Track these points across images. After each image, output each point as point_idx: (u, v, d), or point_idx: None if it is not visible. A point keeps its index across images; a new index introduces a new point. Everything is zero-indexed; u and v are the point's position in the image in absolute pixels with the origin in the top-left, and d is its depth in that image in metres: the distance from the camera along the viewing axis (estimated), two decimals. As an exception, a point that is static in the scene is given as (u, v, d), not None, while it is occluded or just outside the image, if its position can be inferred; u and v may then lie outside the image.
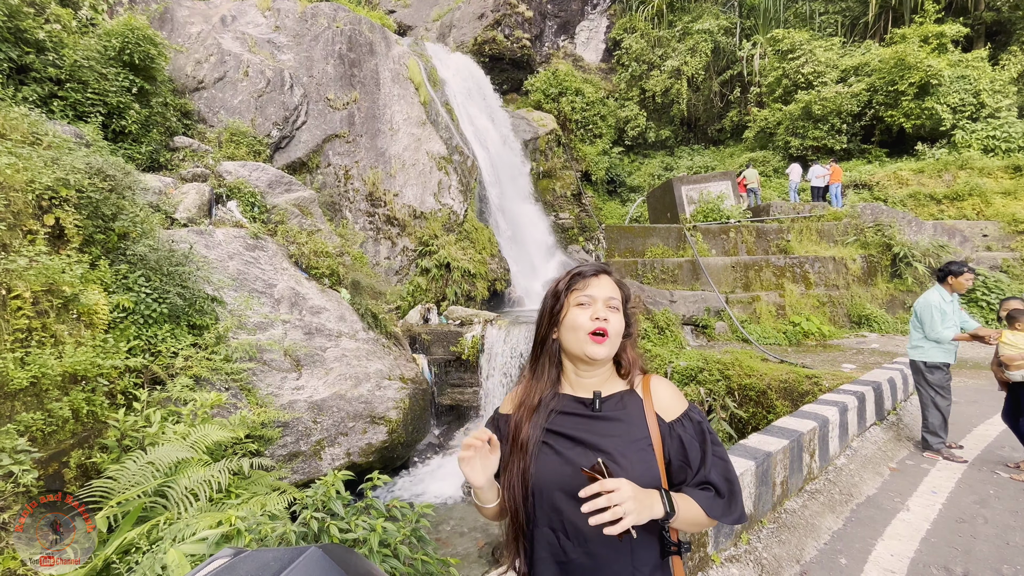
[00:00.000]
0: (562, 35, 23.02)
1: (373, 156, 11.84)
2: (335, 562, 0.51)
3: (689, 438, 1.18)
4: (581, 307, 1.21)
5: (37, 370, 3.74)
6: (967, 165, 14.40)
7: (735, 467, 3.09)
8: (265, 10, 12.57)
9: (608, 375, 1.27)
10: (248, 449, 4.68)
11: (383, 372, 6.92)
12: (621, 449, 1.14)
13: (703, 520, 1.14)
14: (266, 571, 0.49)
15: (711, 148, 22.44)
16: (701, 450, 1.17)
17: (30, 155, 4.70)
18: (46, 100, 7.38)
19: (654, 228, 11.30)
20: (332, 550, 0.54)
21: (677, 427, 1.19)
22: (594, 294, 1.20)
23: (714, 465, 1.17)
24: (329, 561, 0.51)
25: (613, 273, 1.28)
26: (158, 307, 5.01)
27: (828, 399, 4.89)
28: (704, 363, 7.15)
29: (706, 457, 1.17)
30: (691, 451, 1.17)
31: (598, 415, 1.19)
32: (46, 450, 3.73)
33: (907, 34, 16.84)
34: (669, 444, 1.18)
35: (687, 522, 1.12)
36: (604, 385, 1.25)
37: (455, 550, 5.44)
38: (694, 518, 1.13)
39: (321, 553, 0.51)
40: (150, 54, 8.52)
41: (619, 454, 1.13)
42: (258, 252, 7.22)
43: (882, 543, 3.23)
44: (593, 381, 1.24)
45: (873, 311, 10.32)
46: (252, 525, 2.54)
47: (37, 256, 4.18)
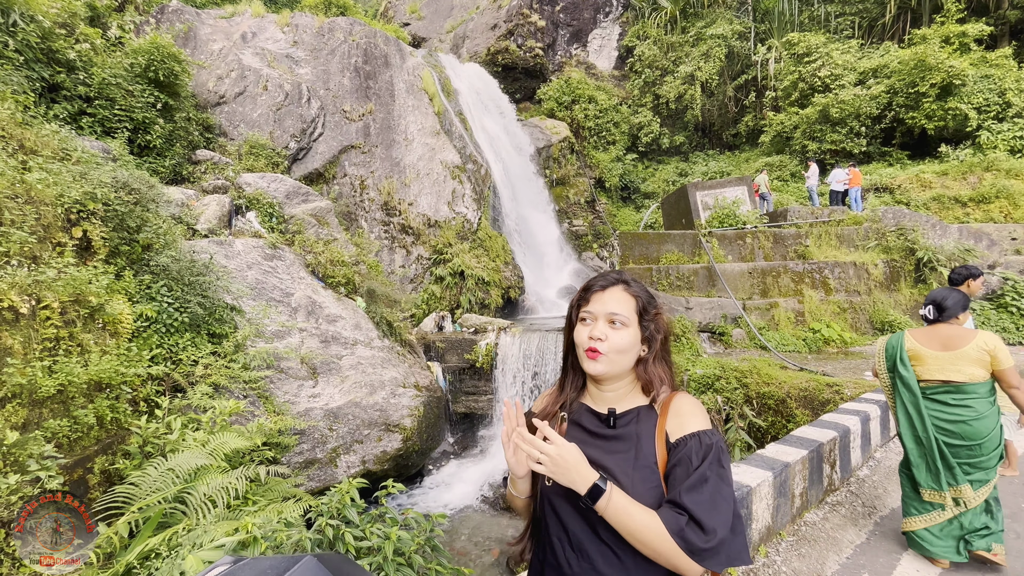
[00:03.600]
0: (574, 43, 23.13)
1: (388, 166, 12.01)
2: (329, 571, 0.52)
3: (684, 456, 1.07)
4: (583, 323, 1.20)
5: (64, 378, 3.86)
6: (993, 167, 14.01)
7: (750, 478, 3.04)
8: (284, 26, 12.92)
9: (628, 390, 1.22)
10: (265, 456, 4.75)
11: (398, 380, 6.97)
12: (624, 468, 1.11)
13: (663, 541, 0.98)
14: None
15: (726, 153, 22.23)
16: (691, 471, 1.04)
17: (60, 170, 4.88)
18: (76, 117, 7.68)
19: (669, 234, 11.21)
20: (327, 559, 0.55)
21: (680, 445, 1.10)
22: (595, 310, 1.17)
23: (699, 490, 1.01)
24: (323, 570, 0.52)
25: (632, 284, 1.21)
26: (179, 316, 5.13)
27: (849, 408, 4.77)
28: (721, 371, 7.04)
29: (690, 479, 1.03)
30: (680, 469, 1.06)
31: (609, 433, 1.17)
32: (71, 456, 3.83)
33: (927, 35, 16.52)
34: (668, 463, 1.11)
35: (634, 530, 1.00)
36: (622, 400, 1.21)
37: (470, 559, 5.42)
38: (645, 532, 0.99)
39: (316, 562, 0.52)
40: (174, 71, 8.82)
41: (621, 473, 1.10)
42: (276, 262, 7.36)
43: (907, 558, 3.13)
44: (610, 395, 1.21)
45: (897, 317, 10.05)
46: (268, 532, 2.58)
47: (65, 268, 4.32)
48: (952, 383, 2.95)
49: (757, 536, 3.06)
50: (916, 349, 3.07)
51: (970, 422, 2.89)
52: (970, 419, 2.89)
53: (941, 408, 2.98)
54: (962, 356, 2.91)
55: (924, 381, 3.05)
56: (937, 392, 3.00)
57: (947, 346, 2.97)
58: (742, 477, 3.08)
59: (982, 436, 2.87)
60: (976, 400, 2.90)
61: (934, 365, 2.99)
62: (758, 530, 3.06)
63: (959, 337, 2.95)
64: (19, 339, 3.77)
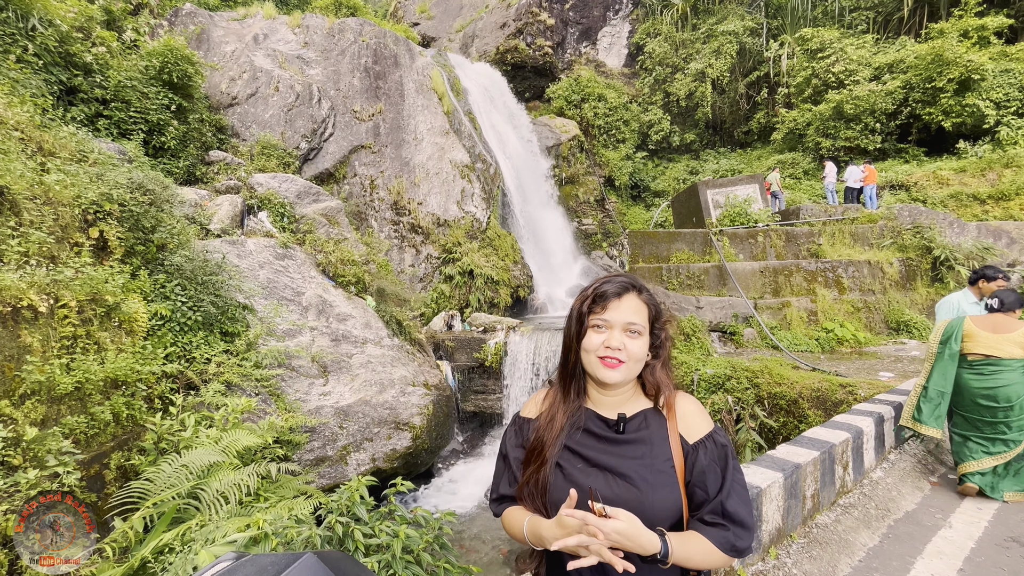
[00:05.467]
0: (584, 42, 23.04)
1: (398, 166, 12.07)
2: (329, 568, 0.53)
3: (710, 461, 1.14)
4: (597, 330, 1.16)
5: (81, 375, 3.94)
6: (1013, 163, 13.68)
7: (761, 480, 3.02)
8: (295, 27, 13.03)
9: (632, 394, 1.23)
10: (276, 454, 4.81)
11: (407, 378, 7.01)
12: (642, 473, 1.12)
13: (717, 558, 1.09)
14: (263, 575, 0.51)
15: (737, 151, 21.99)
16: (721, 476, 1.13)
17: (77, 172, 4.98)
18: (92, 119, 7.82)
19: (679, 233, 11.12)
20: (327, 556, 0.56)
21: (700, 449, 1.15)
22: (611, 319, 1.15)
23: (734, 493, 1.12)
24: (323, 567, 0.52)
25: (643, 290, 1.20)
26: (193, 315, 5.21)
27: (863, 409, 4.70)
28: (732, 371, 6.98)
29: (725, 484, 1.13)
30: (710, 475, 1.13)
31: (620, 437, 1.17)
32: (88, 452, 3.91)
33: (945, 28, 16.18)
34: (690, 467, 1.15)
35: (695, 562, 1.08)
36: (628, 404, 1.21)
37: (478, 558, 5.44)
38: (704, 558, 1.08)
39: (316, 559, 0.53)
40: (188, 73, 8.94)
41: (640, 479, 1.11)
42: (287, 261, 7.43)
43: (922, 561, 3.07)
44: (615, 400, 1.21)
45: (912, 317, 9.87)
46: (279, 528, 2.61)
47: (82, 267, 4.41)
48: (993, 357, 3.76)
49: (767, 538, 3.03)
50: (971, 329, 3.88)
51: (1002, 388, 3.71)
52: (1001, 386, 3.71)
53: (979, 377, 3.81)
54: (1007, 339, 3.73)
55: (972, 354, 3.86)
56: (979, 363, 3.83)
57: (997, 330, 3.79)
58: (753, 478, 3.05)
59: (1012, 400, 3.69)
60: (1009, 372, 3.71)
61: (983, 343, 3.80)
62: (768, 531, 3.03)
63: (1008, 324, 3.79)
64: (38, 337, 3.86)
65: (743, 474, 1.17)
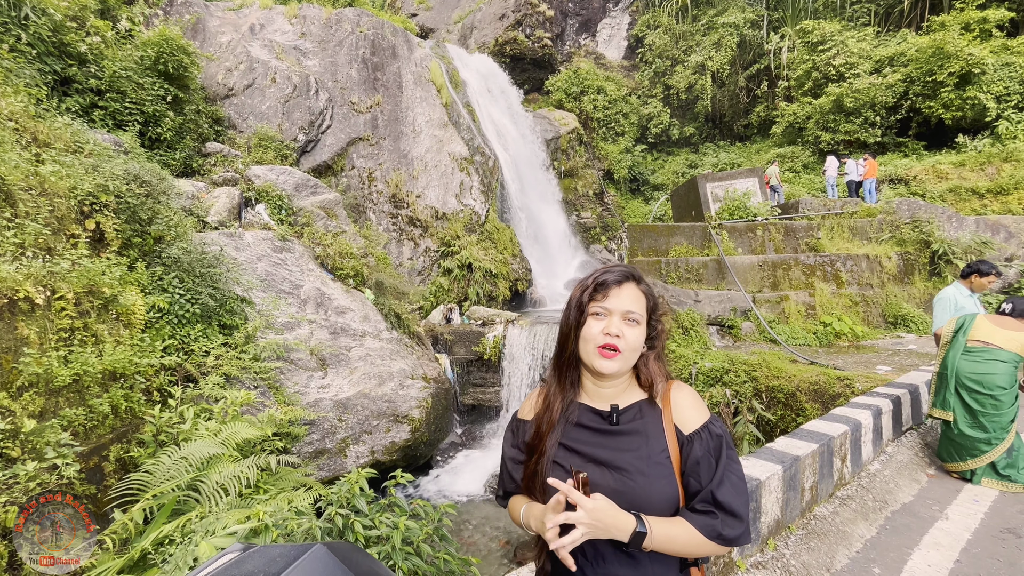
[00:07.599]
0: (583, 33, 22.87)
1: (396, 158, 12.00)
2: (339, 559, 0.52)
3: (704, 452, 1.13)
4: (596, 317, 1.16)
5: (79, 368, 3.92)
6: (1013, 157, 13.67)
7: (760, 472, 3.03)
8: (292, 18, 12.89)
9: (626, 385, 1.23)
10: (276, 446, 4.81)
11: (406, 371, 7.01)
12: (638, 465, 1.12)
13: (702, 544, 1.07)
14: (273, 566, 0.50)
15: (737, 144, 21.93)
16: (715, 466, 1.12)
17: (72, 163, 4.93)
18: (87, 110, 7.74)
19: (678, 227, 11.11)
20: (337, 547, 0.55)
21: (695, 439, 1.15)
22: (611, 306, 1.15)
23: (726, 482, 1.11)
24: (333, 558, 0.52)
25: (641, 281, 1.21)
26: (191, 307, 5.19)
27: (861, 402, 4.71)
28: (730, 364, 6.99)
29: (717, 472, 1.12)
30: (704, 465, 1.12)
31: (614, 429, 1.17)
32: (87, 444, 3.90)
33: (946, 21, 16.11)
34: (685, 457, 1.15)
35: (678, 546, 1.06)
36: (622, 396, 1.21)
37: (477, 549, 5.47)
38: (686, 543, 1.07)
39: (326, 550, 0.53)
40: (183, 63, 8.84)
41: (636, 471, 1.11)
42: (285, 254, 7.40)
43: (919, 553, 3.10)
44: (610, 392, 1.21)
45: (910, 311, 9.90)
46: (279, 520, 2.61)
47: (79, 259, 4.38)
48: (991, 345, 3.96)
49: (766, 529, 3.04)
50: (980, 322, 4.11)
51: (989, 375, 3.91)
52: (990, 373, 3.91)
53: (973, 363, 4.02)
54: (1008, 335, 3.93)
55: (972, 341, 4.07)
56: (975, 351, 4.03)
57: (1003, 327, 3.99)
58: (752, 470, 3.06)
59: (993, 389, 3.88)
60: (999, 363, 3.89)
61: (985, 332, 4.04)
62: (767, 523, 3.05)
63: (1014, 326, 3.97)
64: (35, 329, 3.83)
65: (740, 464, 1.16)
